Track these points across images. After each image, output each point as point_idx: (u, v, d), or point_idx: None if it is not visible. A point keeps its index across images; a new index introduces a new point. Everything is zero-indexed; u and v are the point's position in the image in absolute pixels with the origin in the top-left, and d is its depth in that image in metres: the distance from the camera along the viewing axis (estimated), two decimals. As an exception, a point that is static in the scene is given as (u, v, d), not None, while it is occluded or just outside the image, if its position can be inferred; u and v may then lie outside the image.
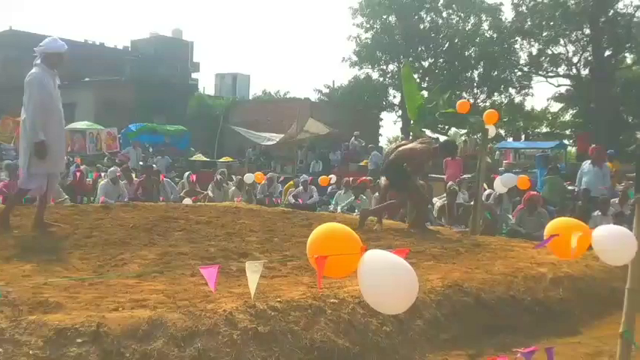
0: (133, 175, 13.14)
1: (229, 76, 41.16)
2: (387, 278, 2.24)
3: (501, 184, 10.61)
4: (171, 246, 5.72)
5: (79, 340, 2.82)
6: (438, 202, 12.47)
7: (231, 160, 23.47)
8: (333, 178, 15.89)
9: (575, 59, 32.16)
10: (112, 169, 12.87)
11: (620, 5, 29.88)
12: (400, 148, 8.43)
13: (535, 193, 10.99)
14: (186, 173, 15.07)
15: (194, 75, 41.70)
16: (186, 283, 4.10)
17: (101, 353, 2.80)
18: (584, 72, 32.03)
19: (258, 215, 9.10)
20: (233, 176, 15.57)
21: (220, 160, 23.37)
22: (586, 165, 12.39)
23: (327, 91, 39.24)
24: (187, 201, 12.30)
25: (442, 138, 15.19)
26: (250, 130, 26.59)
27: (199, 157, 23.63)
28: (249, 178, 14.81)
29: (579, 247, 2.92)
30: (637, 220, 3.26)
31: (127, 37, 75.97)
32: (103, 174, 13.91)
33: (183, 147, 24.99)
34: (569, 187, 13.52)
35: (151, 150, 23.49)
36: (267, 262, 4.81)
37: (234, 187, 14.31)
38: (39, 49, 6.27)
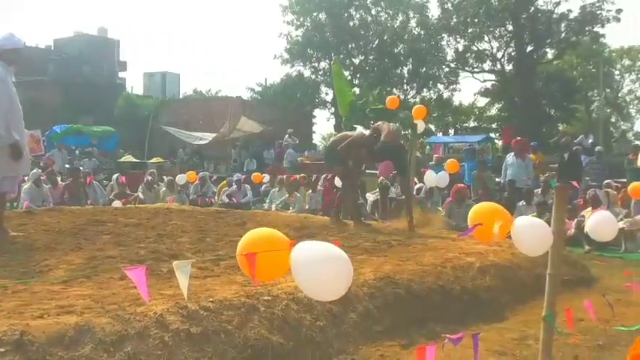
0: (59, 179, 12.69)
1: (158, 75, 40.37)
2: (319, 263, 2.29)
3: (436, 182, 10.90)
4: (98, 250, 5.58)
5: (1, 350, 2.72)
6: (371, 197, 12.67)
7: (162, 160, 23.03)
8: (266, 176, 15.88)
9: (499, 55, 33.24)
10: (34, 171, 12.39)
11: (540, 2, 30.99)
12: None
13: (462, 185, 11.32)
14: (115, 175, 14.70)
15: (121, 74, 40.66)
16: (114, 286, 4.01)
17: (25, 362, 2.71)
18: (508, 67, 33.12)
19: (190, 216, 9.01)
20: (164, 177, 15.31)
21: (151, 161, 22.89)
22: (510, 157, 12.86)
23: (260, 89, 39.09)
24: (117, 203, 12.01)
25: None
26: (181, 129, 26.15)
27: (129, 158, 23.06)
28: (181, 178, 14.61)
29: (501, 233, 3.06)
30: (555, 207, 3.42)
31: (49, 36, 73.14)
32: (26, 178, 13.38)
33: (110, 148, 24.31)
34: (496, 179, 13.98)
35: (77, 152, 22.73)
36: (198, 262, 4.78)
37: (165, 188, 14.08)
38: None
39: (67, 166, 16.60)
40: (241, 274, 4.52)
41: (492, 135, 30.84)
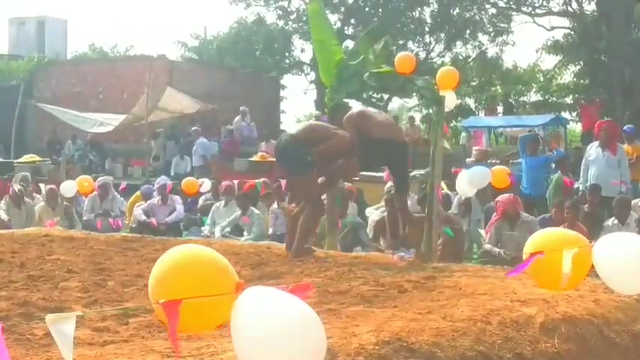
0: None
1: (33, 22, 40.23)
2: (274, 330, 2.28)
3: (468, 182, 10.86)
4: None
5: None
6: (373, 214, 12.69)
7: (38, 159, 22.97)
8: (206, 182, 15.81)
9: (574, -12, 33.49)
10: None
11: None
12: None
13: (510, 196, 11.18)
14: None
15: (-28, 21, 40.61)
16: (-43, 360, 3.99)
17: None
18: (590, 6, 33.34)
19: (83, 247, 9.06)
20: (42, 185, 15.24)
21: (20, 160, 22.83)
22: (593, 150, 12.91)
23: (196, 43, 39.09)
24: (-36, 228, 11.97)
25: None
26: (70, 109, 26.08)
27: (-16, 156, 23.06)
28: (69, 188, 14.52)
29: (575, 272, 3.01)
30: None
31: None
32: None
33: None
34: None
35: None
36: (94, 319, 4.75)
37: (42, 204, 14.02)
38: None
39: None
40: (164, 336, 4.52)
41: (565, 115, 31.01)
